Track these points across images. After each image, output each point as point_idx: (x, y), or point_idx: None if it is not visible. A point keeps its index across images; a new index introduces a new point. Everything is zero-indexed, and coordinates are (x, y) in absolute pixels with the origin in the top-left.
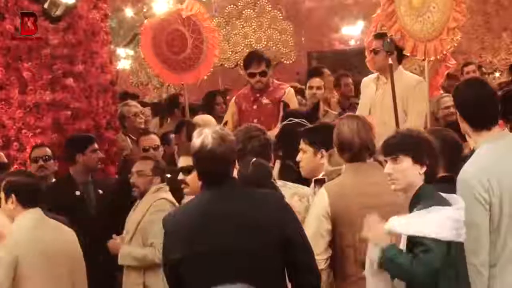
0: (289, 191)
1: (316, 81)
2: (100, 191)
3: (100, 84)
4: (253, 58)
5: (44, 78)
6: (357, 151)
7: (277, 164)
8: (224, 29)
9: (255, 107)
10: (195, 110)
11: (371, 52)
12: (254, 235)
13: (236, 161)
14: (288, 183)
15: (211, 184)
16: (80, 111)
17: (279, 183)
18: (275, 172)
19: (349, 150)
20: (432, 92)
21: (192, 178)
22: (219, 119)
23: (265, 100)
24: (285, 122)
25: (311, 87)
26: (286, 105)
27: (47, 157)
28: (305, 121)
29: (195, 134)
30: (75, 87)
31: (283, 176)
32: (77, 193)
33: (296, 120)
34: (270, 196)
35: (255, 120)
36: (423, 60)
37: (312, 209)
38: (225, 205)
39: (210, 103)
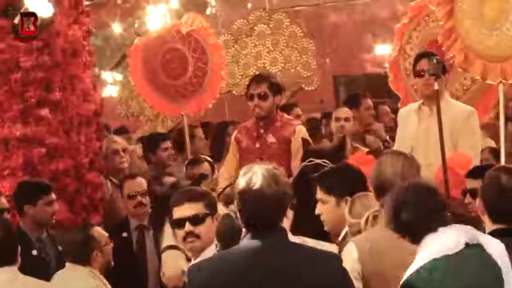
0: None
1: (343, 112)
2: (60, 248)
3: (82, 115)
4: (254, 77)
5: (14, 108)
6: None
7: (290, 214)
8: (233, 48)
9: (257, 145)
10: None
11: (416, 75)
12: None
13: (288, 208)
14: (307, 239)
15: (256, 233)
16: (58, 148)
17: (296, 239)
18: (288, 224)
19: None
20: (480, 115)
21: (205, 229)
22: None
23: (270, 139)
24: (304, 164)
25: (337, 119)
26: (306, 142)
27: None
28: (328, 161)
29: (243, 169)
30: (51, 119)
31: (299, 229)
32: (34, 252)
33: (317, 160)
34: (327, 256)
35: (257, 161)
36: (499, 83)
37: None
38: (276, 260)
39: (220, 134)
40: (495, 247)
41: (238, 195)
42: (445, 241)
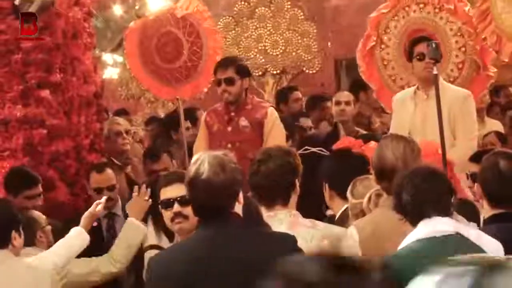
0: (318, 233)
1: (344, 95)
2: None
3: (82, 97)
4: (219, 62)
5: (15, 89)
6: None
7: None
8: (233, 31)
9: (229, 128)
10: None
11: (413, 58)
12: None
13: (241, 193)
14: (319, 223)
15: (209, 221)
16: (58, 130)
17: (308, 222)
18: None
19: (390, 180)
20: None
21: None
22: None
23: (243, 122)
24: (300, 152)
25: (338, 103)
26: (301, 129)
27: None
28: (324, 149)
29: (193, 158)
30: (52, 101)
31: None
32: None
33: (313, 149)
34: (281, 238)
35: (228, 146)
36: None
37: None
38: (227, 248)
39: None
40: (490, 244)
41: (187, 185)
42: (435, 226)
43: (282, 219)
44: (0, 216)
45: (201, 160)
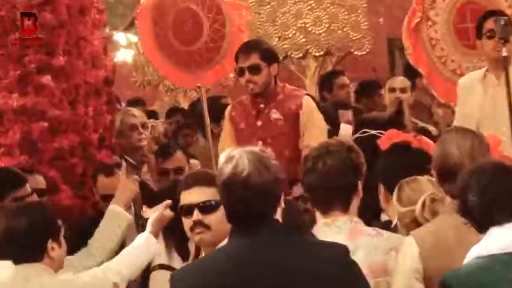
0: (385, 243)
1: (399, 81)
2: None
3: (90, 84)
4: (240, 48)
5: (11, 75)
6: None
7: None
8: (268, 6)
9: (259, 123)
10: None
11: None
12: None
13: (282, 197)
14: (384, 231)
15: (244, 229)
16: (61, 122)
17: (371, 230)
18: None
19: (454, 181)
20: None
21: (217, 219)
22: None
23: (274, 115)
24: (357, 135)
25: (392, 89)
26: (357, 111)
27: None
28: (383, 132)
29: (224, 155)
30: (54, 88)
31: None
32: None
33: (372, 132)
34: (331, 248)
35: (259, 143)
36: None
37: (399, 265)
38: (268, 261)
39: None
40: None
41: (222, 186)
42: (507, 237)
43: (340, 227)
44: (32, 222)
45: (238, 157)
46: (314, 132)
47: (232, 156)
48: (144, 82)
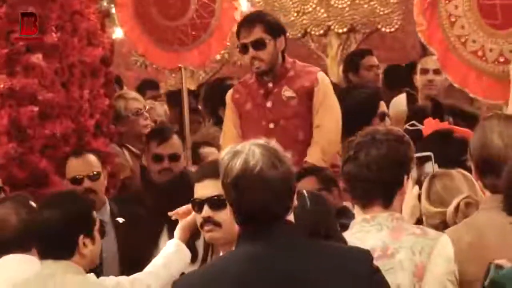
0: (430, 243)
1: (432, 61)
2: None
3: (86, 64)
4: (241, 21)
5: None
6: None
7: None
8: None
9: (269, 104)
10: None
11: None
12: None
13: (296, 194)
14: (430, 230)
15: (257, 232)
16: (54, 106)
17: (416, 229)
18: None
19: (496, 174)
20: None
21: (229, 216)
22: None
23: (287, 92)
24: (406, 126)
25: (424, 71)
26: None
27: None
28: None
29: (228, 150)
30: (46, 68)
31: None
32: None
33: (421, 127)
34: (351, 255)
35: (271, 125)
36: None
37: (431, 266)
38: (280, 269)
39: None
40: None
41: (231, 183)
42: None
43: (381, 224)
44: (62, 214)
45: (248, 150)
46: (329, 111)
47: (238, 150)
48: (146, 62)
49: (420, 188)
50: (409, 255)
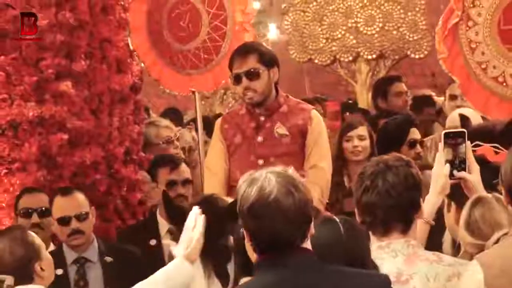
0: (445, 270)
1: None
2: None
3: (115, 91)
4: (235, 51)
5: (26, 80)
6: None
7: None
8: (315, 3)
9: (259, 139)
10: None
11: None
12: None
13: (313, 222)
14: (445, 256)
15: (274, 260)
16: (83, 134)
17: (431, 255)
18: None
19: None
20: None
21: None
22: None
23: (280, 130)
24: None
25: (453, 97)
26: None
27: (44, 209)
28: (500, 146)
29: (244, 179)
30: (75, 96)
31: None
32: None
33: (486, 145)
34: (370, 278)
35: (259, 162)
36: None
37: None
38: None
39: None
40: None
41: (246, 211)
42: None
43: (397, 251)
44: (15, 247)
45: (264, 178)
46: (324, 151)
47: (255, 178)
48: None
49: (452, 166)
50: (423, 281)
